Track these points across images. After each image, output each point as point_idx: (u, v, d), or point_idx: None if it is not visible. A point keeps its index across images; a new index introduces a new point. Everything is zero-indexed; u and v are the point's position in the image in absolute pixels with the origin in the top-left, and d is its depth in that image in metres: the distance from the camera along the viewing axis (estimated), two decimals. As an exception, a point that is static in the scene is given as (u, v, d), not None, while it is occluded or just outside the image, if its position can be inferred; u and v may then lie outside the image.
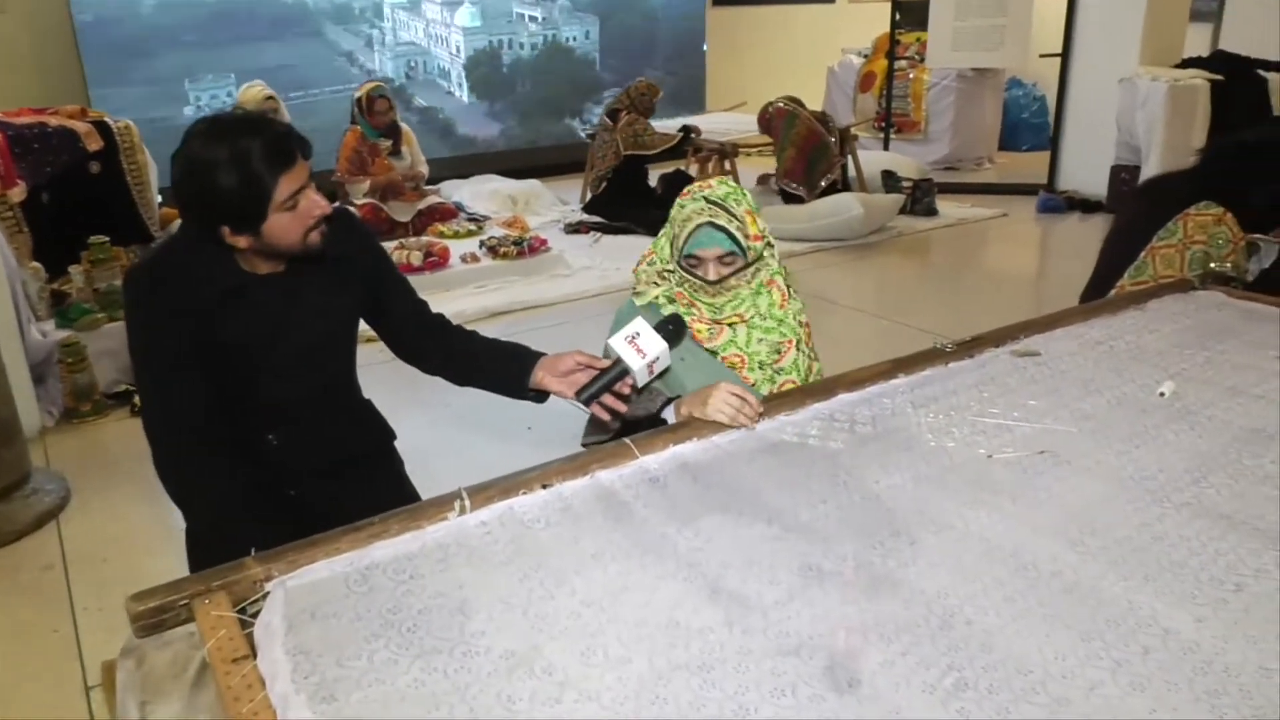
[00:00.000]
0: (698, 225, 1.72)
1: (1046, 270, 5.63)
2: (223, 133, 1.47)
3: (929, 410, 1.64)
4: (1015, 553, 1.21)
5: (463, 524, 1.25)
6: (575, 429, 3.28)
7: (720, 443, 1.50)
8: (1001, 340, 1.95)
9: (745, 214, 1.74)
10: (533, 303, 4.75)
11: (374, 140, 5.63)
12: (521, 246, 5.19)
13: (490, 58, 7.82)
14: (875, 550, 1.22)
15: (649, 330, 1.52)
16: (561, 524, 1.26)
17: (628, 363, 1.51)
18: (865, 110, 8.42)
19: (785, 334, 1.80)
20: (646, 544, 1.22)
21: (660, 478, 1.39)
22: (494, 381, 1.71)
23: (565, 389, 1.61)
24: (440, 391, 2.64)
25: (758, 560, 1.19)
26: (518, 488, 1.32)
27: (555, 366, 1.63)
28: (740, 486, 1.37)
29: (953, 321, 4.29)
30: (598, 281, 5.11)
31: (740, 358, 1.78)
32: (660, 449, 1.46)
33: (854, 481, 1.39)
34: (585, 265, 5.37)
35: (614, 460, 1.41)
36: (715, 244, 1.72)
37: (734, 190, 1.77)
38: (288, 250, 1.56)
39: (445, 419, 3.38)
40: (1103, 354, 1.90)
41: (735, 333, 1.78)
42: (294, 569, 1.14)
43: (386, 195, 5.68)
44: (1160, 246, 2.64)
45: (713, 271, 1.74)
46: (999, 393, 1.72)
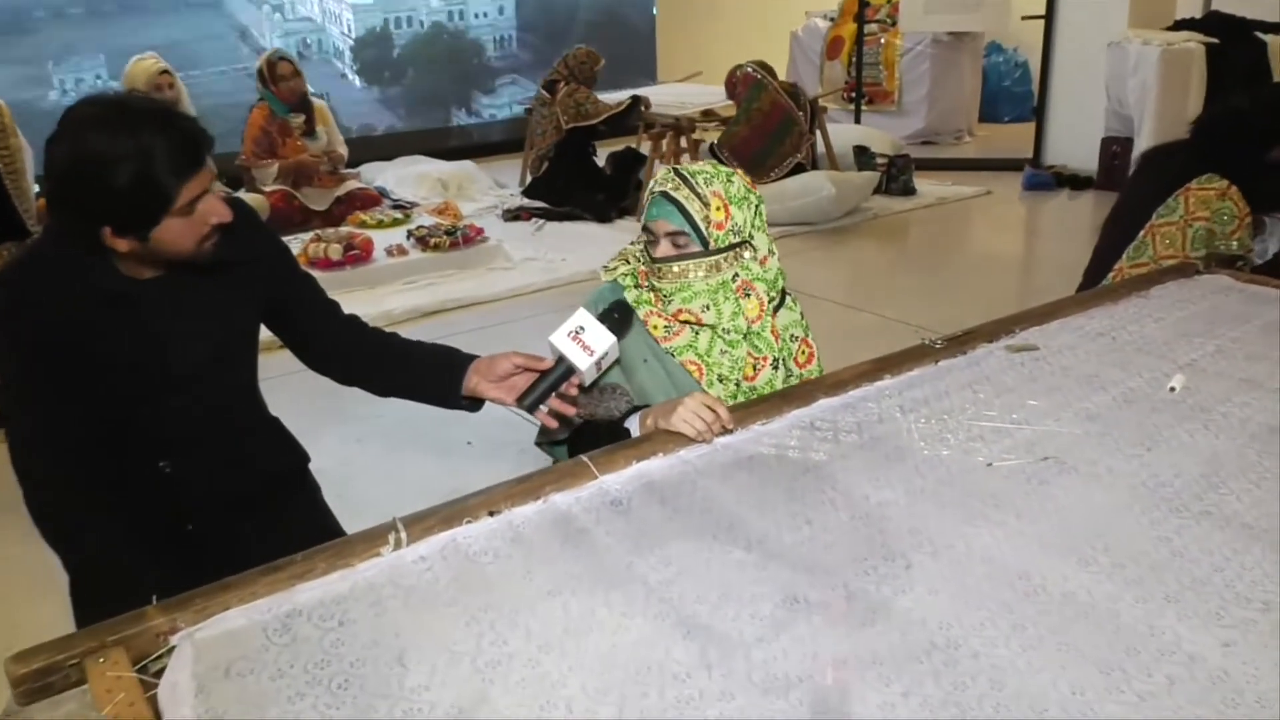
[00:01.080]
0: (652, 194, 1.72)
1: (1036, 253, 5.72)
2: (120, 123, 1.40)
3: (920, 414, 1.64)
4: (1023, 574, 1.21)
5: (398, 560, 1.22)
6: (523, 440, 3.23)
7: (689, 458, 1.48)
8: (995, 334, 1.96)
9: (713, 195, 1.71)
10: (469, 300, 4.71)
11: (283, 117, 5.53)
12: (455, 236, 5.14)
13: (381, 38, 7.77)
14: (868, 576, 1.21)
15: (593, 323, 1.50)
16: (512, 556, 1.24)
17: (573, 361, 1.49)
18: (833, 79, 8.49)
19: (760, 350, 1.77)
20: (610, 577, 1.20)
21: (623, 500, 1.37)
22: (420, 390, 1.68)
23: (504, 395, 1.59)
24: (362, 403, 2.58)
25: (736, 591, 1.18)
26: (461, 516, 1.30)
27: (491, 370, 1.59)
28: (713, 507, 1.35)
29: (936, 312, 4.33)
30: (543, 274, 5.07)
31: (697, 366, 1.75)
32: (622, 467, 1.44)
33: (841, 498, 1.38)
34: (528, 256, 5.34)
35: (570, 481, 1.39)
36: (664, 217, 1.71)
37: (716, 172, 1.75)
38: (176, 257, 1.51)
39: (369, 436, 3.33)
40: (1105, 347, 1.92)
41: (696, 336, 1.76)
42: (203, 618, 1.11)
43: (299, 181, 5.60)
44: (1160, 224, 2.68)
45: (661, 248, 1.72)
46: (995, 393, 1.72)
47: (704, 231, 1.71)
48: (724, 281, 1.73)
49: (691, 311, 1.73)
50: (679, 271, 1.72)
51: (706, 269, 1.72)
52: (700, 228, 1.70)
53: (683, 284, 1.72)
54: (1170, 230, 2.67)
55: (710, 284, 1.72)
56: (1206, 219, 2.60)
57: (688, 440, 1.50)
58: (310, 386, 2.34)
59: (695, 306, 1.72)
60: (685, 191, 1.70)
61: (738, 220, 1.73)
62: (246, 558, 1.21)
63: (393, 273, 4.93)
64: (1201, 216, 2.61)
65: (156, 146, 1.40)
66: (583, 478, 1.40)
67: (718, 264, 1.72)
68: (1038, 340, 1.95)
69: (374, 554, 1.22)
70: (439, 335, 4.12)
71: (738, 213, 1.73)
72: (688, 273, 1.72)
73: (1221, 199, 2.61)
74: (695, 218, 1.70)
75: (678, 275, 1.72)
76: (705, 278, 1.72)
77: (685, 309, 1.73)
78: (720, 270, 1.73)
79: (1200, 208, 2.63)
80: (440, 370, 1.65)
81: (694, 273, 1.72)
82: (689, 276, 1.71)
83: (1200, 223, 2.61)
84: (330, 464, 1.94)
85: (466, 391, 1.62)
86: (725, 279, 1.73)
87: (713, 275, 1.72)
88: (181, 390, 1.60)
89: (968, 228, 6.18)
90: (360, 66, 7.79)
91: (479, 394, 1.62)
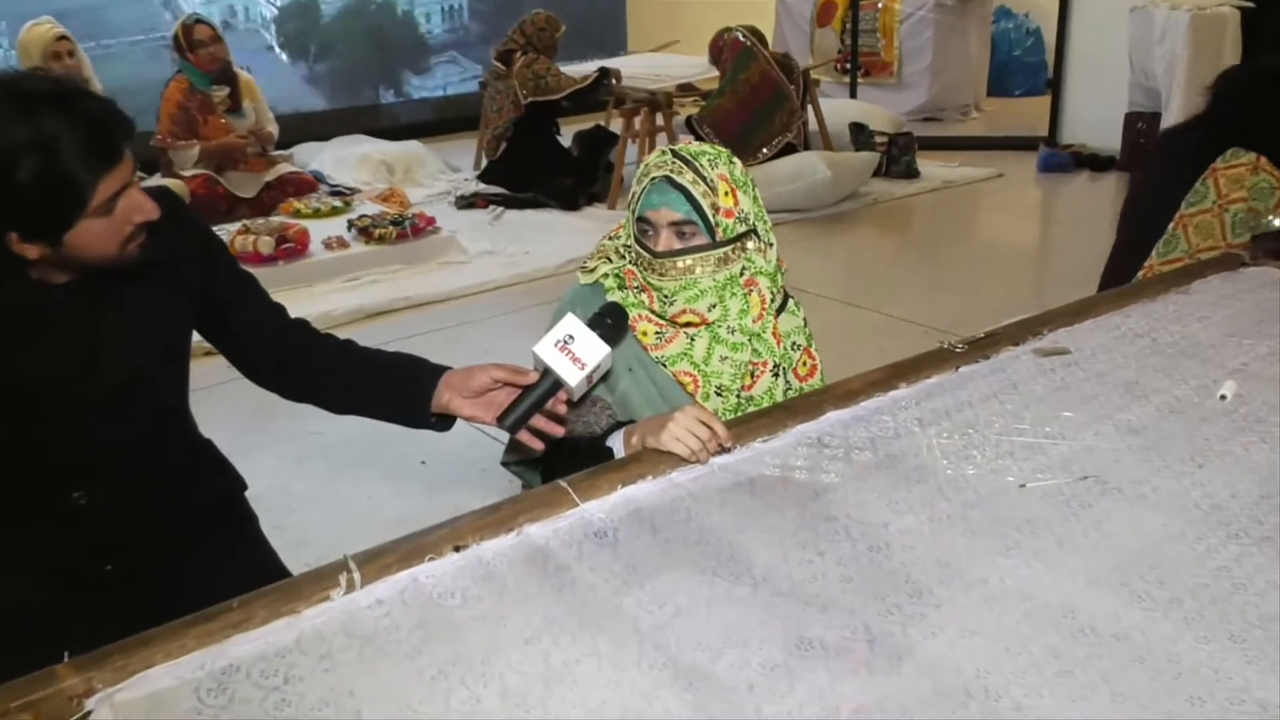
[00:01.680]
0: (651, 179, 1.70)
1: (1054, 242, 5.76)
2: (12, 108, 1.36)
3: (941, 428, 1.64)
4: (1068, 612, 1.20)
5: (352, 605, 1.19)
6: (484, 459, 3.22)
7: (681, 480, 1.47)
8: (1021, 336, 1.97)
9: (719, 179, 1.70)
10: (419, 299, 4.69)
11: (205, 91, 5.50)
12: (402, 227, 5.13)
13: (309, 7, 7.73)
14: (891, 616, 1.20)
15: (584, 331, 1.48)
16: (483, 598, 1.22)
17: (561, 375, 1.47)
18: (825, 49, 8.52)
19: (761, 354, 1.76)
20: (597, 620, 1.18)
21: (609, 531, 1.35)
22: (383, 407, 1.66)
23: (481, 413, 1.57)
24: (300, 417, 2.55)
25: (741, 635, 1.16)
26: (422, 552, 1.27)
27: (466, 384, 1.57)
28: (712, 538, 1.34)
29: (945, 309, 4.34)
30: (503, 270, 5.06)
31: (693, 377, 1.74)
32: (606, 492, 1.42)
33: (856, 526, 1.37)
34: (485, 249, 5.33)
35: (547, 510, 1.37)
36: (667, 204, 1.69)
37: (717, 153, 1.74)
38: (96, 263, 1.47)
39: (309, 455, 3.30)
40: (1145, 349, 1.93)
41: (692, 342, 1.74)
42: (124, 677, 1.08)
43: (224, 164, 5.55)
44: (1191, 214, 2.70)
45: (663, 240, 1.70)
46: (1024, 403, 1.72)
47: (712, 220, 1.69)
48: (731, 276, 1.72)
49: (697, 312, 1.72)
50: (685, 267, 1.70)
51: (716, 263, 1.70)
52: (709, 216, 1.69)
53: (689, 281, 1.71)
54: (1204, 219, 2.68)
55: (719, 280, 1.71)
56: (1244, 199, 2.61)
57: (680, 461, 1.49)
58: (239, 399, 2.30)
59: (701, 306, 1.71)
60: (690, 176, 1.69)
61: (744, 206, 1.73)
62: (175, 604, 1.18)
63: (331, 269, 4.90)
64: (1237, 198, 2.62)
65: (62, 135, 1.36)
66: (561, 506, 1.38)
67: (727, 257, 1.71)
68: (1069, 342, 1.95)
69: (323, 598, 1.19)
70: (385, 339, 4.08)
71: (744, 198, 1.73)
72: (695, 268, 1.70)
73: (1255, 173, 2.62)
74: (703, 205, 1.69)
75: (683, 271, 1.70)
76: (714, 273, 1.71)
77: (690, 309, 1.71)
78: (729, 264, 1.72)
79: (1233, 188, 2.64)
80: (407, 384, 1.62)
81: (702, 268, 1.70)
82: (696, 272, 1.70)
83: (1237, 205, 2.62)
84: (265, 489, 1.92)
85: (437, 408, 1.60)
86: (733, 273, 1.72)
87: (721, 270, 1.71)
88: (101, 410, 1.57)
89: (978, 214, 6.22)
90: (286, 40, 7.74)
91: (452, 411, 1.60)
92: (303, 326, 1.73)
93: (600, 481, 1.43)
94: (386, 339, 4.06)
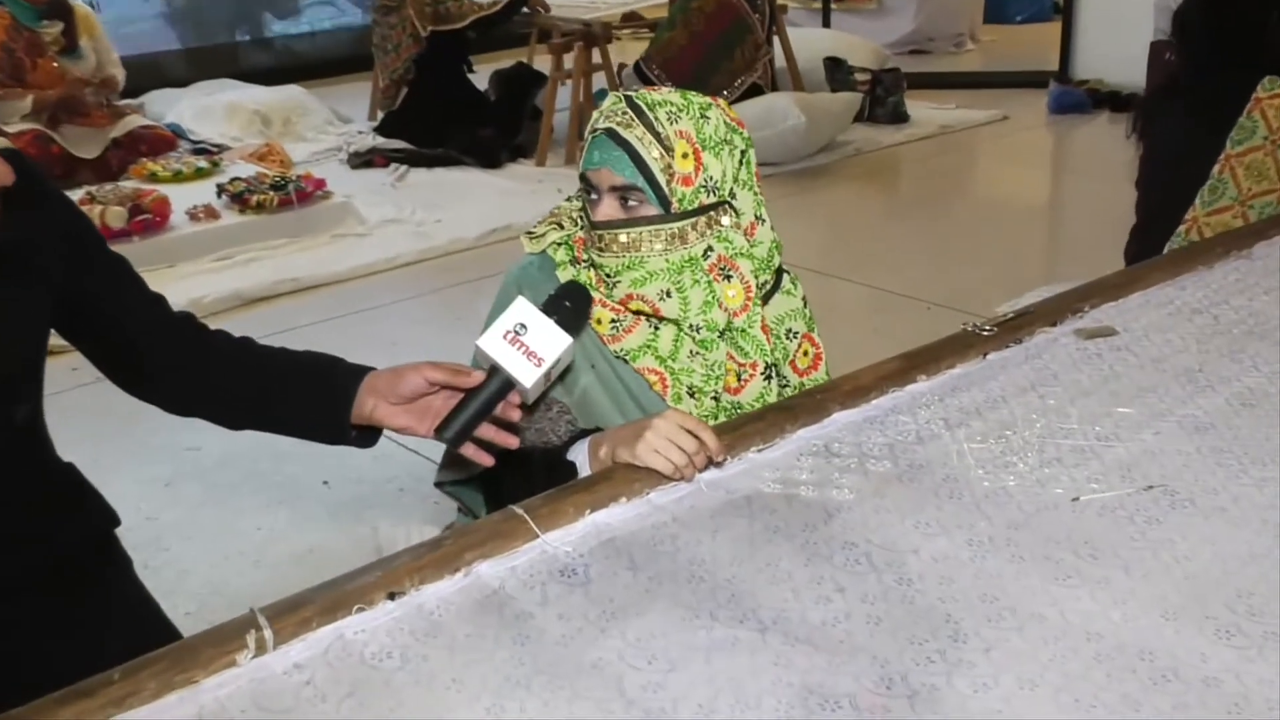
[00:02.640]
0: (593, 132, 1.70)
1: (1071, 196, 5.83)
2: None
3: (972, 430, 1.63)
4: (1145, 653, 1.19)
5: (264, 671, 1.17)
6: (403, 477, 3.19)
7: (663, 502, 1.46)
8: (1059, 315, 1.98)
9: (678, 136, 1.69)
10: (309, 281, 4.66)
11: (31, 28, 5.42)
12: (284, 192, 5.09)
13: None
14: (931, 665, 1.19)
15: (538, 318, 1.46)
16: (427, 657, 1.20)
17: (513, 374, 1.44)
18: (792, -32, 8.54)
19: (748, 353, 1.76)
20: (570, 680, 1.17)
21: (578, 568, 1.34)
22: (292, 420, 1.63)
23: (415, 424, 1.55)
24: (174, 431, 2.48)
25: (747, 692, 1.15)
26: (348, 601, 1.25)
27: (394, 389, 1.55)
28: (705, 573, 1.33)
29: (947, 280, 4.38)
30: (410, 242, 5.03)
31: (659, 375, 1.74)
32: (571, 519, 1.41)
33: (879, 553, 1.37)
34: (388, 217, 5.30)
35: (500, 543, 1.35)
36: (608, 164, 1.68)
37: (685, 104, 1.72)
38: None
39: (182, 477, 3.26)
40: (1206, 329, 1.95)
41: (656, 333, 1.74)
42: (-23, 770, 1.06)
43: (59, 117, 5.48)
44: (1239, 154, 2.73)
45: (603, 208, 1.70)
46: (1069, 397, 1.73)
47: (664, 188, 1.68)
48: (691, 258, 1.70)
49: (645, 298, 1.70)
50: (628, 242, 1.69)
51: (666, 240, 1.69)
52: (659, 182, 1.68)
53: (632, 260, 1.70)
54: (1255, 158, 2.72)
55: (672, 261, 1.70)
56: None
57: (660, 478, 1.48)
58: (93, 408, 2.23)
59: (650, 292, 1.70)
60: (638, 130, 1.67)
61: (713, 172, 1.71)
62: (37, 675, 1.16)
63: (199, 244, 4.85)
64: None
65: None
66: (517, 538, 1.37)
67: (683, 233, 1.70)
68: (1115, 321, 1.96)
69: (227, 663, 1.16)
70: (266, 331, 4.06)
71: (713, 161, 1.71)
72: (640, 244, 1.69)
73: None
74: (652, 168, 1.67)
75: (626, 247, 1.69)
76: (665, 252, 1.70)
77: (637, 294, 1.70)
78: (686, 242, 1.70)
79: None
80: (321, 390, 1.60)
81: (649, 244, 1.69)
82: (641, 250, 1.69)
83: None
84: (129, 521, 1.88)
85: (359, 419, 1.58)
86: (694, 254, 1.71)
87: (675, 249, 1.70)
88: None
89: (979, 165, 6.28)
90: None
91: (377, 422, 1.57)
92: (188, 322, 1.70)
93: (564, 506, 1.42)
94: (268, 331, 4.03)
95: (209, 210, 4.98)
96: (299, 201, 5.08)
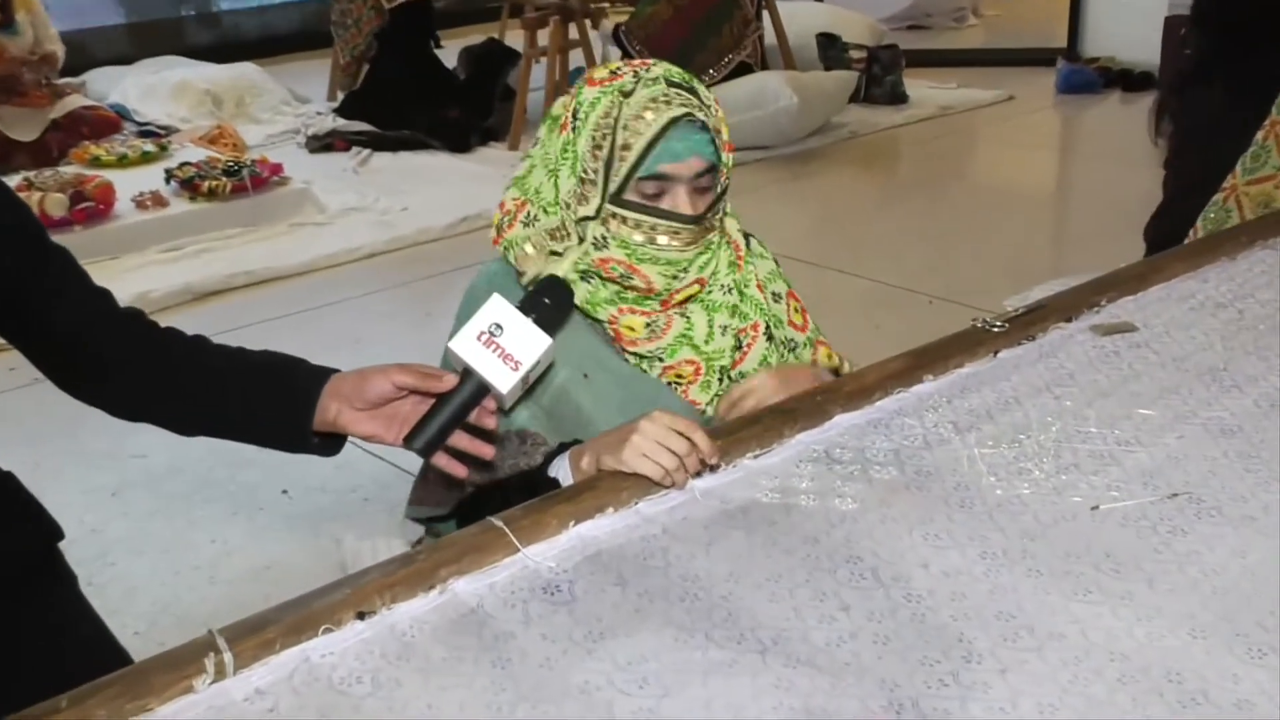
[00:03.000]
0: (671, 121, 1.64)
1: (1081, 184, 5.85)
2: None
3: (983, 434, 1.64)
4: (1172, 674, 1.19)
5: (223, 698, 1.16)
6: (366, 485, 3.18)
7: (653, 513, 1.46)
8: (1074, 309, 1.99)
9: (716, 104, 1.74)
10: (265, 274, 4.66)
11: (-37, 1, 5.40)
12: (238, 177, 5.09)
13: None
14: (944, 689, 1.19)
15: (516, 317, 1.44)
16: (401, 682, 1.19)
17: (488, 379, 1.43)
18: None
19: (748, 314, 1.81)
20: (557, 703, 1.17)
21: (562, 584, 1.34)
22: (251, 425, 1.62)
23: (382, 431, 1.54)
24: (120, 436, 2.47)
25: (744, 717, 1.15)
26: (314, 621, 1.24)
27: (360, 393, 1.54)
28: (700, 590, 1.33)
29: (949, 272, 4.39)
30: (374, 232, 5.04)
31: (694, 365, 1.76)
32: (554, 531, 1.41)
33: (886, 568, 1.37)
34: (350, 205, 5.30)
35: (478, 558, 1.35)
36: (695, 153, 1.67)
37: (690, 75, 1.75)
38: None
39: (129, 485, 3.25)
40: (1230, 323, 1.96)
41: (690, 322, 1.76)
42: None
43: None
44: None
45: (688, 200, 1.68)
46: (1085, 398, 1.73)
47: (725, 163, 1.72)
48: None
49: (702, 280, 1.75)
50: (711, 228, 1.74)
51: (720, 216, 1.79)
52: (724, 160, 1.71)
53: (708, 245, 1.74)
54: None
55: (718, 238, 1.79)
56: None
57: (650, 485, 1.48)
58: (32, 412, 2.21)
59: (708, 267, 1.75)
60: (704, 111, 1.68)
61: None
62: None
63: (146, 234, 4.85)
64: None
65: None
66: (496, 552, 1.36)
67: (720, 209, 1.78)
68: (1134, 317, 1.97)
69: (184, 689, 1.16)
70: (220, 329, 4.05)
71: None
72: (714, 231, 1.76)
73: None
74: (720, 148, 1.70)
75: (707, 234, 1.73)
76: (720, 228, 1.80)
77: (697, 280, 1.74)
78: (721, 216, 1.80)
79: None
80: (281, 394, 1.59)
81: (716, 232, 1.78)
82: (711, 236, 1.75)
83: None
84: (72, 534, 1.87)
85: (322, 425, 1.57)
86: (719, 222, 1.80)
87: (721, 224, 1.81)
88: None
89: (982, 148, 6.29)
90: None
91: (341, 429, 1.57)
92: (136, 318, 1.69)
93: (545, 518, 1.41)
94: (221, 328, 4.03)
95: (156, 197, 4.98)
96: (253, 188, 5.08)
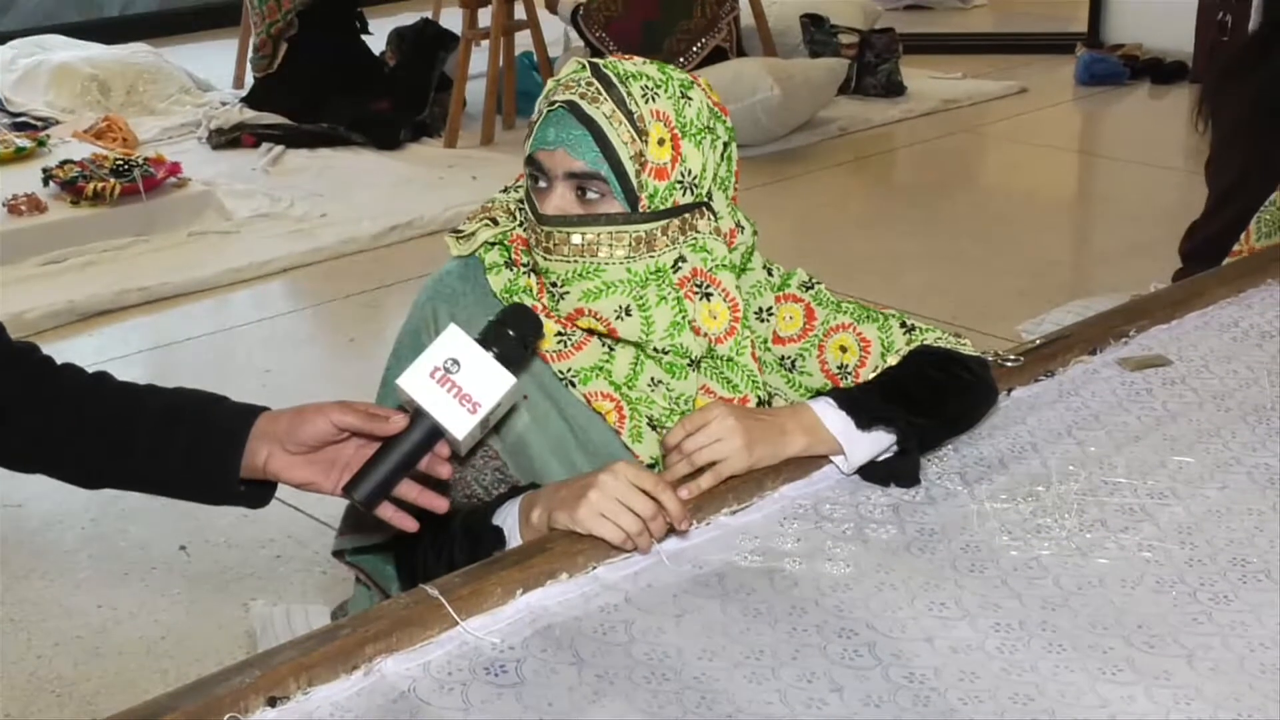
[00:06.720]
0: (552, 104, 1.69)
1: (1106, 188, 5.87)
2: None
3: (995, 486, 1.64)
4: (1215, 768, 1.19)
5: None
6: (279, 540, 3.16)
7: (612, 579, 1.47)
8: (1098, 340, 1.99)
9: (653, 117, 1.70)
10: (161, 292, 4.64)
11: None
12: (129, 178, 5.06)
13: None
14: (953, 785, 1.18)
15: (475, 352, 1.44)
16: None
17: (441, 423, 1.43)
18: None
19: (737, 386, 1.76)
20: None
21: (507, 663, 1.34)
22: (166, 474, 1.60)
23: (320, 479, 1.53)
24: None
25: None
26: (219, 709, 1.24)
27: (294, 434, 1.52)
28: (669, 670, 1.33)
29: (952, 292, 4.40)
30: (289, 243, 5.03)
31: (614, 403, 1.74)
32: (499, 601, 1.41)
33: (885, 643, 1.36)
34: (260, 211, 5.30)
35: (410, 632, 1.35)
36: (566, 145, 1.68)
37: (665, 79, 1.73)
38: None
39: (9, 543, 3.20)
40: (1275, 358, 1.96)
41: (610, 353, 1.74)
42: None
43: None
44: None
45: (555, 198, 1.69)
46: (1114, 444, 1.74)
47: (633, 179, 1.69)
48: (659, 269, 1.71)
49: (599, 315, 1.70)
50: (582, 245, 1.69)
51: (630, 245, 1.70)
52: (627, 172, 1.68)
53: (586, 267, 1.70)
54: None
55: (635, 271, 1.70)
56: None
57: (609, 549, 1.48)
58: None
59: (606, 308, 1.70)
60: (606, 106, 1.68)
61: (692, 165, 1.72)
62: None
63: (20, 245, 4.82)
64: None
65: None
66: (431, 625, 1.37)
67: (650, 238, 1.71)
68: (1167, 349, 1.98)
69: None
70: (109, 356, 4.03)
71: (693, 152, 1.72)
72: (597, 248, 1.69)
73: None
74: (620, 154, 1.68)
75: (580, 251, 1.69)
76: (627, 259, 1.70)
77: (589, 309, 1.71)
78: (654, 249, 1.71)
79: None
80: (201, 437, 1.56)
81: (608, 249, 1.69)
82: (599, 255, 1.69)
83: None
84: None
85: (250, 472, 1.55)
86: (661, 264, 1.72)
87: (640, 257, 1.70)
88: None
89: (990, 150, 6.32)
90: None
91: (273, 475, 1.55)
92: (28, 354, 1.66)
93: (488, 585, 1.41)
94: (110, 354, 4.03)
95: (33, 201, 4.95)
96: (147, 191, 5.05)
